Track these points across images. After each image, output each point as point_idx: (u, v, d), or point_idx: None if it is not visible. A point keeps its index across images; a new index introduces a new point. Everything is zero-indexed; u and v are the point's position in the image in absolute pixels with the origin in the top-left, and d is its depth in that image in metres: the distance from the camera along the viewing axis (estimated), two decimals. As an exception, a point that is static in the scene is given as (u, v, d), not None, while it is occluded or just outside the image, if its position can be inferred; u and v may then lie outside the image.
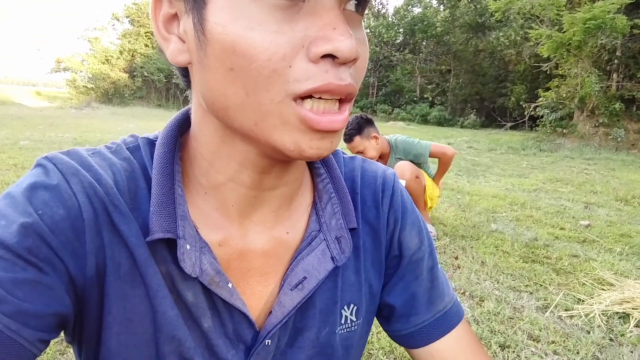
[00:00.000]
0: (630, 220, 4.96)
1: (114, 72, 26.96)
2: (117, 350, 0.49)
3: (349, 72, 0.41)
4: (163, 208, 0.49)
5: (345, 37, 0.39)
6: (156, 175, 0.50)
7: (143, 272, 0.49)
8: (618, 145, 12.68)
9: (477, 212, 4.96)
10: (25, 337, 0.42)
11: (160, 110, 23.73)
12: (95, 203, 0.47)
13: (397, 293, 0.66)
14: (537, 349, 2.32)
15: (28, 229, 0.43)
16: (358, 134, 3.55)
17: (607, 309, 2.75)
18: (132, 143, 0.56)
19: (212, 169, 0.52)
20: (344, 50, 0.38)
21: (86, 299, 0.48)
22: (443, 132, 15.87)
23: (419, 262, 0.66)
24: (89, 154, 0.51)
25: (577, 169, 8.86)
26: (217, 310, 0.53)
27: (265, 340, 0.55)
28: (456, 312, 0.68)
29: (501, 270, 3.32)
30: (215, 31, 0.41)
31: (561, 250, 3.81)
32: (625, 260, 3.66)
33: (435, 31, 23.78)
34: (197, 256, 0.50)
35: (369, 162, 0.69)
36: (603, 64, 13.92)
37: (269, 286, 0.57)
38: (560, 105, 14.14)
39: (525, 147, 12.40)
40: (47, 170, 0.48)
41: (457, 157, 9.54)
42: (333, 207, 0.60)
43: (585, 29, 12.19)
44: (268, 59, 0.39)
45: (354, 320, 0.63)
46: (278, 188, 0.55)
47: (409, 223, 0.66)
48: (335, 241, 0.58)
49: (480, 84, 23.37)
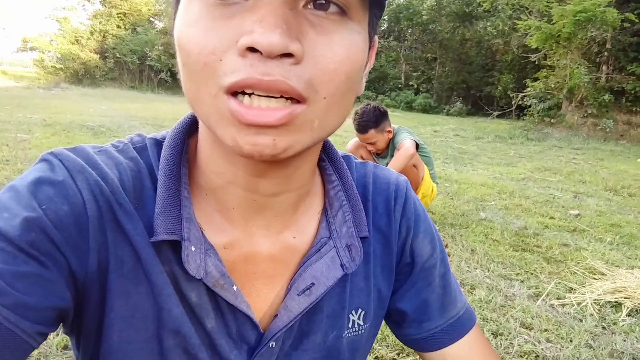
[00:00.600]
0: (619, 210, 4.98)
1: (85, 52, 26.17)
2: (118, 346, 0.50)
3: (285, 68, 0.39)
4: (168, 210, 0.49)
5: (266, 30, 0.37)
6: (162, 176, 0.51)
7: (147, 271, 0.49)
8: (607, 135, 12.79)
9: (465, 200, 4.93)
10: (24, 329, 0.42)
11: (133, 92, 23.18)
12: (101, 201, 0.48)
13: (408, 299, 0.66)
14: (530, 337, 2.29)
15: (31, 223, 0.43)
16: (374, 127, 3.44)
17: (599, 298, 2.73)
18: (139, 143, 0.56)
19: (210, 171, 0.53)
20: (262, 43, 0.37)
21: (87, 295, 0.48)
22: (429, 119, 15.84)
23: (431, 269, 0.67)
24: (95, 152, 0.52)
25: (566, 159, 8.90)
26: (221, 311, 0.53)
27: (270, 343, 0.55)
28: (468, 318, 0.69)
29: (491, 259, 3.28)
30: (174, 29, 0.44)
31: (551, 239, 3.79)
32: (615, 250, 3.65)
33: (421, 19, 23.68)
34: (202, 258, 0.50)
35: (380, 168, 0.69)
36: (592, 56, 14.01)
37: (275, 289, 0.57)
38: (549, 96, 14.21)
39: (512, 136, 12.44)
40: (52, 165, 0.48)
41: (444, 145, 9.56)
42: (344, 215, 0.60)
43: (575, 21, 12.22)
44: (198, 53, 0.40)
45: (362, 324, 0.63)
46: (281, 195, 0.54)
47: (421, 231, 0.66)
48: (346, 249, 0.58)
49: (466, 73, 23.36)
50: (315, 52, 0.40)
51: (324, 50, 0.41)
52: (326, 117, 0.43)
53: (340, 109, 0.45)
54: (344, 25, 0.42)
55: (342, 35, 0.42)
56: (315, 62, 0.40)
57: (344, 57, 0.42)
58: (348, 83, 0.43)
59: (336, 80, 0.42)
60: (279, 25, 0.38)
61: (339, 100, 0.43)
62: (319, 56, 0.41)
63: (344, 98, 0.44)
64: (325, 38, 0.41)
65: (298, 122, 0.41)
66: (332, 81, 0.41)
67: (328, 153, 0.63)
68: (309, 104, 0.41)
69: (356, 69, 0.43)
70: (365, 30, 0.45)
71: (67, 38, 26.61)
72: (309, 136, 0.44)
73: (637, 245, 3.80)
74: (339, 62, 0.41)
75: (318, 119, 0.43)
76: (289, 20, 0.39)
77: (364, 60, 0.45)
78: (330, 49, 0.41)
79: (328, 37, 0.41)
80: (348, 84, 0.43)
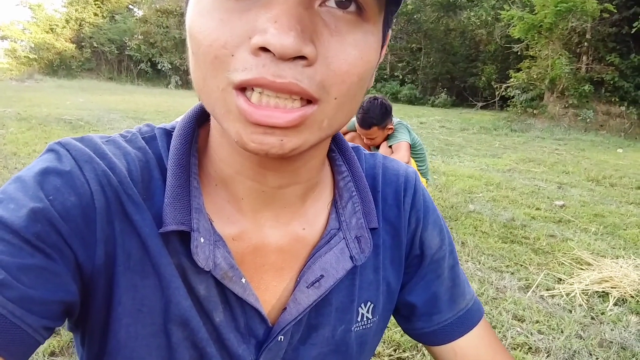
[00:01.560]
0: (602, 201, 5.09)
1: (60, 42, 25.12)
2: (125, 341, 0.49)
3: (298, 70, 0.39)
4: (177, 200, 0.48)
5: (280, 32, 0.37)
6: (172, 166, 0.50)
7: (155, 263, 0.48)
8: (587, 126, 12.98)
9: (454, 192, 5.00)
10: (30, 323, 0.41)
11: (112, 84, 22.55)
12: (108, 192, 0.47)
13: (418, 292, 0.66)
14: (523, 329, 2.35)
15: (38, 214, 0.43)
16: (378, 125, 3.34)
17: (587, 288, 2.81)
18: (148, 133, 0.55)
19: (220, 161, 0.52)
20: (275, 45, 0.37)
21: (93, 288, 0.47)
22: (414, 111, 15.91)
23: (440, 261, 0.66)
24: (103, 142, 0.51)
25: (549, 149, 9.04)
26: (229, 305, 0.52)
27: (278, 337, 0.54)
28: (477, 310, 0.69)
29: (482, 251, 3.34)
30: (186, 15, 0.43)
31: (538, 231, 3.87)
32: (600, 240, 3.75)
33: (406, 9, 23.64)
34: (210, 250, 0.49)
35: (389, 159, 0.68)
36: (573, 47, 14.14)
37: (284, 282, 0.56)
38: (531, 86, 14.34)
39: (497, 127, 12.57)
40: (59, 155, 0.47)
41: (431, 137, 9.62)
42: (354, 206, 0.59)
43: (556, 11, 12.34)
44: (209, 45, 0.39)
45: (370, 317, 0.62)
46: (288, 187, 0.53)
47: (430, 222, 0.66)
48: (355, 240, 0.57)
49: (451, 63, 23.40)
50: (328, 54, 0.40)
51: (337, 51, 0.40)
52: (335, 116, 0.43)
53: (349, 107, 0.45)
54: (358, 26, 0.42)
55: (355, 36, 0.42)
56: (328, 64, 0.40)
57: (357, 58, 0.41)
58: (360, 84, 0.43)
59: (348, 82, 0.41)
60: (292, 27, 0.37)
61: (350, 100, 0.43)
62: (331, 57, 0.40)
63: (355, 98, 0.44)
64: (339, 39, 0.41)
65: (308, 122, 0.41)
66: (344, 82, 0.41)
67: (338, 144, 0.62)
68: (320, 104, 0.41)
69: (368, 70, 0.43)
70: (379, 31, 0.45)
71: (40, 26, 25.62)
72: (316, 135, 0.43)
73: (620, 235, 3.90)
74: (352, 63, 0.41)
75: (327, 119, 0.43)
76: (304, 20, 0.38)
77: (376, 60, 0.45)
78: (344, 51, 0.41)
79: (342, 37, 0.41)
80: (360, 85, 0.43)
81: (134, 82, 25.01)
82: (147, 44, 25.42)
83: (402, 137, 3.44)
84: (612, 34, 13.50)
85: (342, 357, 0.60)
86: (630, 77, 13.19)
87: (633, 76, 13.18)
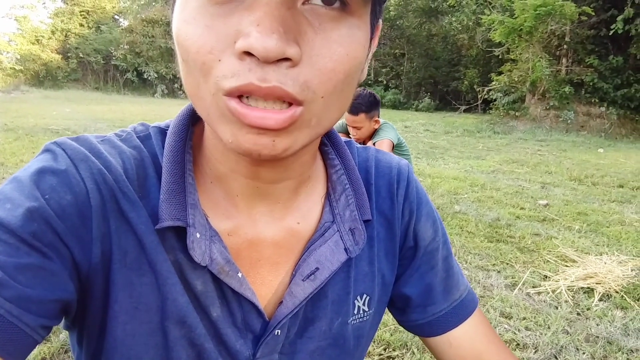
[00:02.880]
0: (585, 199, 5.16)
1: (46, 53, 25.17)
2: (122, 340, 0.49)
3: (282, 72, 0.38)
4: (173, 196, 0.49)
5: (262, 35, 0.36)
6: (167, 163, 0.50)
7: (152, 260, 0.48)
8: (568, 127, 13.19)
9: (439, 194, 5.03)
10: (27, 322, 0.41)
11: (98, 94, 22.46)
12: (104, 190, 0.47)
13: (413, 284, 0.66)
14: (510, 326, 2.37)
15: (34, 213, 0.43)
16: (366, 111, 3.32)
17: (573, 285, 2.84)
18: (143, 132, 0.56)
19: (214, 159, 0.52)
20: (258, 48, 0.36)
21: (90, 286, 0.48)
22: (399, 115, 16.01)
23: (433, 252, 0.66)
24: (98, 141, 0.51)
25: (531, 150, 9.15)
26: (226, 300, 0.52)
27: (275, 330, 0.54)
28: (471, 300, 0.69)
29: (468, 251, 3.37)
30: (172, 23, 0.43)
31: (523, 229, 3.91)
32: (584, 238, 3.80)
33: (389, 15, 23.85)
34: (207, 245, 0.49)
35: (382, 152, 0.68)
36: (553, 49, 14.39)
37: (280, 275, 0.56)
38: (513, 89, 14.55)
39: (480, 130, 12.71)
40: (55, 155, 0.47)
41: (415, 140, 9.69)
42: (347, 199, 0.59)
43: (535, 15, 12.55)
44: (197, 52, 0.39)
45: (366, 310, 0.62)
46: (281, 182, 0.54)
47: (424, 214, 0.66)
48: (349, 232, 0.57)
49: (433, 68, 23.66)
50: (313, 52, 0.40)
51: (322, 49, 0.40)
52: (324, 114, 0.43)
53: (338, 104, 0.44)
54: (343, 21, 0.41)
55: (341, 32, 0.41)
56: (313, 63, 0.40)
57: (343, 55, 0.41)
58: (347, 80, 0.43)
59: (334, 80, 0.41)
60: (275, 30, 0.37)
61: (337, 97, 0.43)
62: (316, 56, 0.40)
63: (342, 94, 0.44)
64: (324, 36, 0.40)
65: (297, 123, 0.41)
66: (331, 80, 0.41)
67: (330, 138, 0.63)
68: (306, 104, 0.40)
69: (355, 66, 0.43)
70: (366, 24, 0.44)
71: (26, 38, 25.64)
72: (306, 134, 0.43)
73: (603, 232, 3.96)
74: (337, 61, 0.41)
75: (316, 117, 0.42)
76: (287, 21, 0.38)
77: (364, 55, 0.45)
78: (329, 48, 0.40)
79: (326, 35, 0.40)
80: (347, 81, 0.43)
81: (120, 91, 24.89)
82: (133, 54, 25.36)
83: (387, 135, 3.47)
84: (591, 37, 13.77)
85: (339, 350, 0.60)
86: (609, 78, 13.45)
87: (612, 77, 13.45)
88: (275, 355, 0.56)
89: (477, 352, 0.65)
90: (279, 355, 0.56)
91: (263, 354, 0.55)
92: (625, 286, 2.84)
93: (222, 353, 0.53)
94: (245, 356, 0.54)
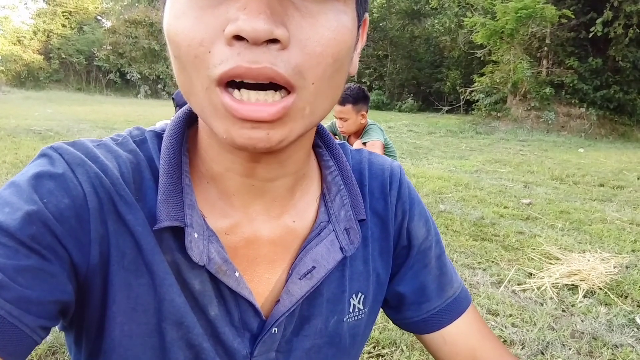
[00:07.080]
0: (567, 198, 5.23)
1: (27, 53, 24.92)
2: (120, 340, 0.49)
3: (272, 54, 0.39)
4: (171, 197, 0.49)
5: (249, 16, 0.37)
6: (164, 165, 0.51)
7: (149, 261, 0.49)
8: (549, 127, 13.40)
9: (424, 194, 5.06)
10: (27, 323, 0.42)
11: (80, 95, 22.21)
12: (101, 193, 0.48)
13: (407, 282, 0.67)
14: (497, 323, 2.38)
15: (32, 216, 0.43)
16: (353, 103, 3.33)
17: (557, 282, 2.87)
18: (139, 136, 0.56)
19: (210, 159, 0.53)
20: (247, 30, 0.37)
21: (89, 288, 0.48)
22: (382, 116, 16.07)
23: (427, 251, 0.68)
24: (94, 146, 0.52)
25: (513, 150, 9.26)
26: (224, 299, 0.53)
27: (272, 329, 0.55)
28: (465, 297, 0.70)
29: (454, 249, 3.39)
30: (163, 21, 0.43)
31: (507, 228, 3.95)
32: (567, 235, 3.85)
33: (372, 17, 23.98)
34: (204, 244, 0.50)
35: (375, 154, 0.70)
36: (534, 51, 14.61)
37: (277, 274, 0.57)
38: (494, 90, 14.74)
39: (462, 130, 12.83)
40: (52, 160, 0.48)
41: (399, 141, 9.73)
42: (342, 199, 0.60)
43: (517, 17, 12.75)
44: (188, 45, 0.40)
45: (362, 308, 0.63)
46: (277, 180, 0.54)
47: (416, 214, 0.67)
48: (344, 232, 0.59)
49: (416, 69, 23.87)
50: (301, 36, 0.40)
51: (309, 33, 0.40)
52: (316, 102, 0.43)
53: (330, 92, 0.44)
54: (329, 6, 0.42)
55: (327, 16, 0.41)
56: (302, 47, 0.40)
57: (330, 39, 0.41)
58: (335, 65, 0.43)
59: (323, 64, 0.41)
60: (262, 11, 0.37)
61: (328, 84, 0.43)
62: (305, 40, 0.40)
63: (333, 81, 0.44)
64: (311, 21, 0.41)
65: (291, 113, 0.41)
66: (320, 65, 0.41)
67: (324, 140, 0.64)
68: (298, 91, 0.41)
69: (344, 50, 0.43)
70: (352, 10, 0.45)
71: (8, 38, 25.32)
72: (300, 124, 0.44)
73: (585, 230, 4.02)
74: (325, 44, 0.41)
75: (309, 106, 0.43)
76: (273, 5, 0.38)
77: (352, 40, 0.45)
78: (317, 32, 0.41)
79: (314, 19, 0.41)
80: (336, 66, 0.43)
81: (102, 92, 24.65)
82: (115, 55, 25.15)
83: (377, 137, 3.48)
84: (571, 39, 14.02)
85: (335, 348, 0.61)
86: (589, 79, 13.71)
87: (591, 79, 13.71)
88: (272, 354, 0.56)
89: (472, 348, 0.67)
90: (276, 354, 0.57)
91: (260, 352, 0.55)
92: (609, 283, 2.88)
93: (219, 352, 0.53)
94: (243, 355, 0.54)
